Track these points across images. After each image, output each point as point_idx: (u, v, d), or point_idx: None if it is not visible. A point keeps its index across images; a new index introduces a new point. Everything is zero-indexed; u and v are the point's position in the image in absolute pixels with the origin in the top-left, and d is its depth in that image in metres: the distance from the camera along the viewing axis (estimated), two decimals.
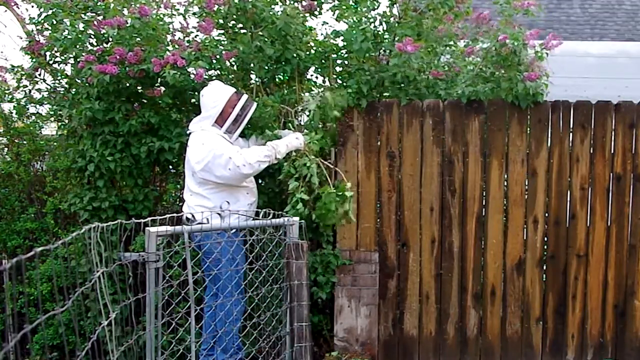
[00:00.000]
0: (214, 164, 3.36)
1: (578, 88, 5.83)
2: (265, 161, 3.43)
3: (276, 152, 3.45)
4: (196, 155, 3.42)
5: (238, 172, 3.35)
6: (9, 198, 4.80)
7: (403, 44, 3.63)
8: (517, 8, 3.77)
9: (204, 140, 3.43)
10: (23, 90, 4.49)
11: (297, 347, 3.24)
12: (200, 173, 3.41)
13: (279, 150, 3.46)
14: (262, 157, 3.41)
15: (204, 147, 3.40)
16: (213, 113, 3.49)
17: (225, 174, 3.36)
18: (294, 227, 3.29)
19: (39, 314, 1.70)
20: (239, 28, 4.11)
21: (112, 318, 2.17)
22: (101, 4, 4.05)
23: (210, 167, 3.37)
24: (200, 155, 3.40)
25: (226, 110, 3.49)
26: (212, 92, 3.54)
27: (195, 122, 3.57)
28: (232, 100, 3.51)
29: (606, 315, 3.86)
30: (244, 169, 3.36)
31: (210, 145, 3.39)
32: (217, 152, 3.36)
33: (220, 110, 3.48)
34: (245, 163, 3.35)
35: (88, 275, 2.21)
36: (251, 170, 3.39)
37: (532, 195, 3.82)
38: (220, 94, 3.52)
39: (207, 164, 3.37)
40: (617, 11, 10.41)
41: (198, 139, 3.46)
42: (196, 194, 3.49)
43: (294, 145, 3.55)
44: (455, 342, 3.88)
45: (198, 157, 3.41)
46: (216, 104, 3.49)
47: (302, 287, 3.25)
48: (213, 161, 3.36)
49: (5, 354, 1.49)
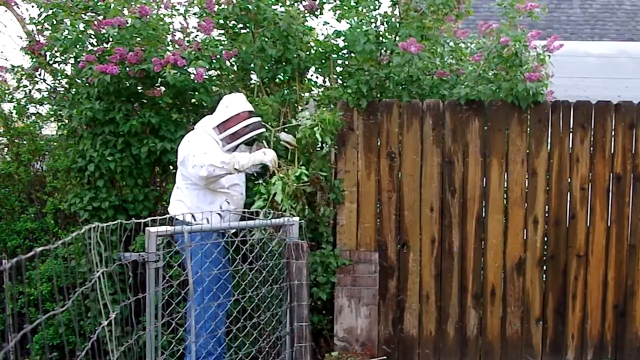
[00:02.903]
0: (187, 160, 3.41)
1: (578, 88, 5.83)
2: (221, 167, 3.34)
3: (235, 162, 3.37)
4: (180, 149, 3.50)
5: (196, 172, 3.37)
6: (9, 198, 4.80)
7: (407, 44, 3.64)
8: (520, 10, 3.77)
9: (190, 138, 3.49)
10: (23, 90, 4.49)
11: (297, 347, 3.24)
12: (180, 167, 3.50)
13: (237, 161, 3.38)
14: (218, 163, 3.34)
15: (188, 144, 3.46)
16: (220, 118, 3.52)
17: (191, 171, 3.40)
18: (294, 227, 3.29)
19: (39, 314, 1.70)
20: (239, 28, 4.11)
21: (112, 318, 2.16)
22: (101, 4, 4.05)
23: (185, 163, 3.44)
24: (182, 151, 3.48)
25: (231, 122, 3.50)
26: (230, 100, 3.58)
27: (204, 119, 3.62)
28: (242, 116, 3.52)
29: (606, 315, 3.86)
30: (199, 170, 3.34)
31: (192, 143, 3.44)
32: (193, 150, 3.40)
33: (226, 118, 3.50)
34: (203, 164, 3.33)
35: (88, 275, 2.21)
36: (205, 173, 3.34)
37: (532, 196, 3.82)
38: (236, 104, 3.55)
39: (184, 159, 3.44)
40: (617, 11, 10.41)
41: (189, 135, 3.53)
42: (177, 187, 3.56)
43: (258, 160, 3.47)
44: (455, 342, 3.88)
45: (180, 152, 3.49)
46: (227, 111, 3.52)
47: (302, 287, 3.24)
48: (187, 157, 3.41)
49: (5, 354, 1.49)
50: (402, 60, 3.69)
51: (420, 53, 3.67)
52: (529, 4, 3.75)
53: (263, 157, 3.51)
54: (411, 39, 3.66)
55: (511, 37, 3.65)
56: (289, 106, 4.12)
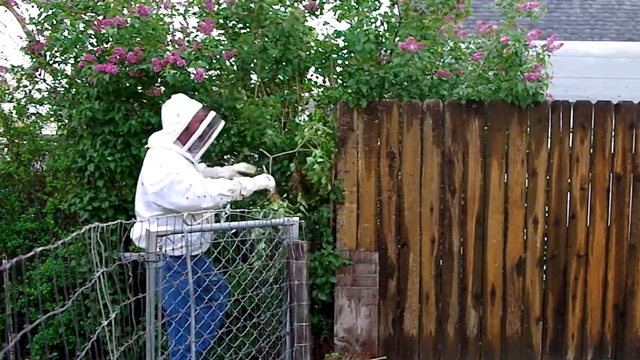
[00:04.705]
0: (171, 189, 3.05)
1: (578, 88, 5.83)
2: (229, 195, 3.17)
3: (242, 188, 3.23)
4: (152, 176, 3.10)
5: (196, 203, 3.06)
6: (9, 198, 4.80)
7: (406, 43, 3.64)
8: (519, 10, 3.77)
9: (162, 162, 3.12)
10: (23, 90, 4.49)
11: (297, 347, 3.24)
12: (153, 196, 3.10)
13: (244, 187, 3.24)
14: (226, 192, 3.15)
15: (161, 169, 3.09)
16: (177, 128, 3.19)
17: (182, 202, 3.05)
18: (294, 227, 3.29)
19: (39, 314, 1.70)
20: (239, 28, 4.11)
21: (112, 318, 2.16)
22: (101, 4, 4.05)
23: (166, 193, 3.06)
24: (157, 178, 3.08)
25: (192, 126, 3.20)
26: (177, 105, 3.25)
27: (156, 137, 3.29)
28: (199, 116, 3.23)
29: (606, 315, 3.86)
30: (204, 200, 3.07)
31: (170, 169, 3.08)
32: (177, 178, 3.05)
33: (185, 125, 3.18)
34: (207, 194, 3.07)
35: (88, 275, 2.21)
36: (212, 203, 3.10)
37: (532, 196, 3.82)
38: (186, 107, 3.24)
39: (163, 189, 3.06)
40: (617, 11, 10.42)
41: (156, 158, 3.15)
42: (143, 218, 3.11)
43: (262, 185, 3.37)
44: (455, 342, 3.88)
45: (153, 179, 3.09)
46: (182, 119, 3.19)
47: (302, 287, 3.24)
48: (170, 187, 3.05)
49: (5, 354, 1.49)
50: (402, 60, 3.69)
51: (419, 52, 3.67)
52: (528, 4, 3.75)
53: (267, 182, 3.41)
54: (410, 38, 3.66)
55: (511, 36, 3.65)
56: (289, 106, 4.13)
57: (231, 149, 3.96)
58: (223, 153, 4.02)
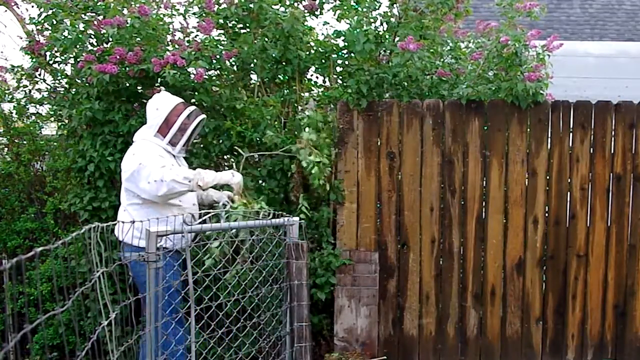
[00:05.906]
0: (139, 174, 3.13)
1: (578, 88, 5.84)
2: (184, 183, 3.10)
3: (199, 179, 3.14)
4: (125, 164, 3.22)
5: (153, 188, 3.09)
6: (9, 198, 4.80)
7: (405, 43, 3.64)
8: (519, 10, 3.77)
9: (135, 150, 3.23)
10: (23, 90, 4.48)
11: (297, 347, 3.24)
12: (126, 183, 3.22)
13: (202, 177, 3.15)
14: (180, 179, 3.09)
15: (134, 157, 3.19)
16: (156, 122, 3.29)
17: (145, 187, 3.11)
18: (294, 227, 3.29)
19: (39, 314, 1.70)
20: (239, 28, 4.11)
21: (112, 318, 2.17)
22: (101, 4, 4.05)
23: (136, 178, 3.14)
24: (128, 165, 3.19)
25: (171, 119, 3.28)
26: (157, 100, 3.37)
27: (139, 131, 3.41)
28: (178, 109, 3.31)
29: (606, 315, 3.86)
30: (159, 185, 3.08)
31: (140, 156, 3.18)
32: (144, 162, 3.13)
33: (164, 118, 3.28)
34: (163, 179, 3.07)
35: (88, 275, 2.21)
36: (164, 190, 3.08)
37: (532, 195, 3.82)
38: (165, 102, 3.34)
39: (133, 174, 3.15)
40: (617, 11, 10.42)
41: (132, 148, 3.29)
42: (123, 209, 3.26)
43: (224, 179, 3.27)
44: (455, 342, 3.88)
45: (126, 167, 3.21)
46: (160, 112, 3.29)
47: (302, 287, 3.24)
48: (138, 171, 3.13)
49: (5, 354, 1.49)
50: (401, 60, 3.69)
51: (419, 52, 3.67)
52: (528, 4, 3.75)
53: (230, 177, 3.29)
54: (409, 38, 3.66)
55: (511, 36, 3.65)
56: (289, 106, 4.13)
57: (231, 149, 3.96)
58: (223, 153, 4.02)
